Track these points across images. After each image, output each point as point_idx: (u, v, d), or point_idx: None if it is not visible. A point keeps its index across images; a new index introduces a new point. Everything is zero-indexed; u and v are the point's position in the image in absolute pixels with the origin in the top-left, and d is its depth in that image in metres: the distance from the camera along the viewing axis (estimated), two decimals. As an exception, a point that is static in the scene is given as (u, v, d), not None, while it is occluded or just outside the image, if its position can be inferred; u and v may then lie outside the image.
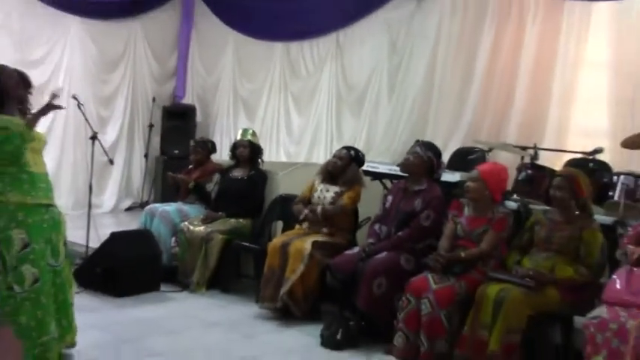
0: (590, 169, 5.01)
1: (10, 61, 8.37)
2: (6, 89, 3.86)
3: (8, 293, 3.69)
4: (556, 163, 5.82)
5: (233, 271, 6.22)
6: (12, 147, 3.73)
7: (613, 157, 5.70)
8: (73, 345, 4.16)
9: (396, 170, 5.52)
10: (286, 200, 6.13)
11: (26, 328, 3.70)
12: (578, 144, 6.14)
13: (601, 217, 4.65)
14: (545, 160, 5.93)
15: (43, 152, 4.05)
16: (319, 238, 5.37)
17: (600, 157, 5.37)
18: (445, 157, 6.66)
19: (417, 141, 5.31)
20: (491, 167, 4.86)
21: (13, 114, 3.85)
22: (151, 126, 9.98)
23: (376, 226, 5.18)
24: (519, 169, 5.19)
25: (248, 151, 6.41)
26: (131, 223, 7.92)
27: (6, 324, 0.69)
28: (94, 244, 6.00)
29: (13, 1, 8.73)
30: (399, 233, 4.98)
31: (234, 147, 6.52)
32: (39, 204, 3.82)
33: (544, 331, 4.24)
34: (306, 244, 5.24)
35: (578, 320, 4.10)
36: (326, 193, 5.67)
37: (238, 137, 6.59)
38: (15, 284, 3.69)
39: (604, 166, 5.30)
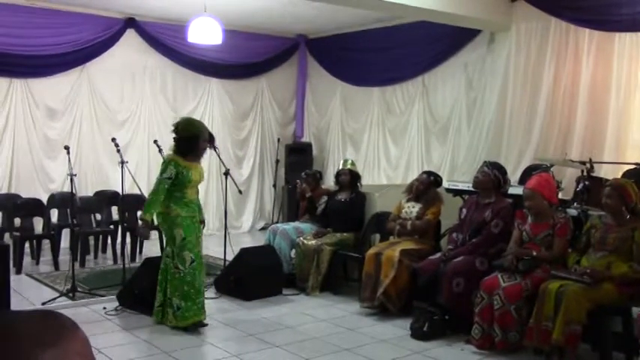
0: (642, 177, 4.66)
1: (168, 115, 8.89)
2: (199, 144, 4.75)
3: (176, 271, 4.71)
4: (616, 173, 5.47)
5: (341, 276, 6.20)
6: (183, 180, 4.71)
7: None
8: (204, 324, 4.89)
9: (471, 187, 5.36)
10: (381, 217, 6.07)
11: (187, 293, 4.69)
12: (636, 156, 5.77)
13: (653, 219, 4.31)
14: (608, 171, 5.61)
15: (199, 185, 5.01)
16: (406, 246, 5.28)
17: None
18: (518, 174, 6.44)
19: (485, 162, 5.12)
20: (537, 180, 4.54)
21: (195, 160, 4.81)
22: (277, 161, 10.21)
23: (454, 235, 5.05)
24: (577, 181, 4.91)
25: (349, 178, 6.39)
26: (264, 240, 8.05)
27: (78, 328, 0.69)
28: (230, 257, 6.15)
29: (168, 70, 9.21)
30: (473, 240, 4.83)
31: (338, 175, 6.51)
32: (189, 216, 4.79)
33: (603, 322, 3.96)
34: (395, 252, 5.16)
35: (636, 311, 3.83)
36: (412, 209, 5.61)
37: (340, 167, 6.58)
38: (180, 264, 4.70)
39: (656, 174, 4.93)
